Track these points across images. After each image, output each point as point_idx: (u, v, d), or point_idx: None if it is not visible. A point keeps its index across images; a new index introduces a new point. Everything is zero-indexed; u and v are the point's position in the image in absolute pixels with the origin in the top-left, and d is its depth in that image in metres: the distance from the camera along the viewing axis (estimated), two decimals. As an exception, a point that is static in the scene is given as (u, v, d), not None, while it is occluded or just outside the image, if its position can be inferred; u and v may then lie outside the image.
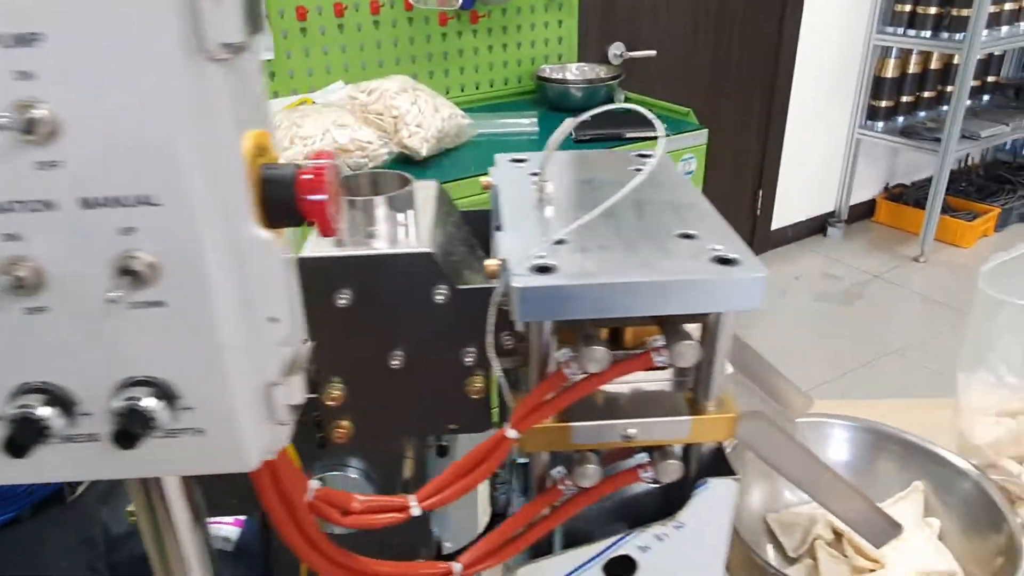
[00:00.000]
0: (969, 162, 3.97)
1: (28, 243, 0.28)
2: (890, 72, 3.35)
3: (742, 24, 2.94)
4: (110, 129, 0.26)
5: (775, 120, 3.20)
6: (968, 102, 3.30)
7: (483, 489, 0.68)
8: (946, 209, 3.48)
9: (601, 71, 2.29)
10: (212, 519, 0.70)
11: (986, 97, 3.76)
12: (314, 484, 0.43)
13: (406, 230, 0.52)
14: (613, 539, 0.52)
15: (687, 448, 0.53)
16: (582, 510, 0.55)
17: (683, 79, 2.86)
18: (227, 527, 0.65)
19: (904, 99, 3.47)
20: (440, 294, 0.49)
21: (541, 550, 0.55)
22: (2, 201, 0.27)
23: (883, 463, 0.75)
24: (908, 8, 3.12)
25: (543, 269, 0.44)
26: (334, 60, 2.02)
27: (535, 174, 0.61)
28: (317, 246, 0.50)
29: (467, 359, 0.52)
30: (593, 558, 0.53)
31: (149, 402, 0.29)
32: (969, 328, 0.72)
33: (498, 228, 0.53)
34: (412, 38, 2.11)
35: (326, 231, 0.33)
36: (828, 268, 3.35)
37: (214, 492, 0.53)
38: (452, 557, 0.51)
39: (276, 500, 0.40)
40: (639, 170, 0.63)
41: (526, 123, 2.06)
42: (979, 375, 0.76)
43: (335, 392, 0.52)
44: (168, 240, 0.27)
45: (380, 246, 0.50)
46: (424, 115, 1.73)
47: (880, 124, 3.45)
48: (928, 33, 3.10)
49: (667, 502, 0.54)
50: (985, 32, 2.99)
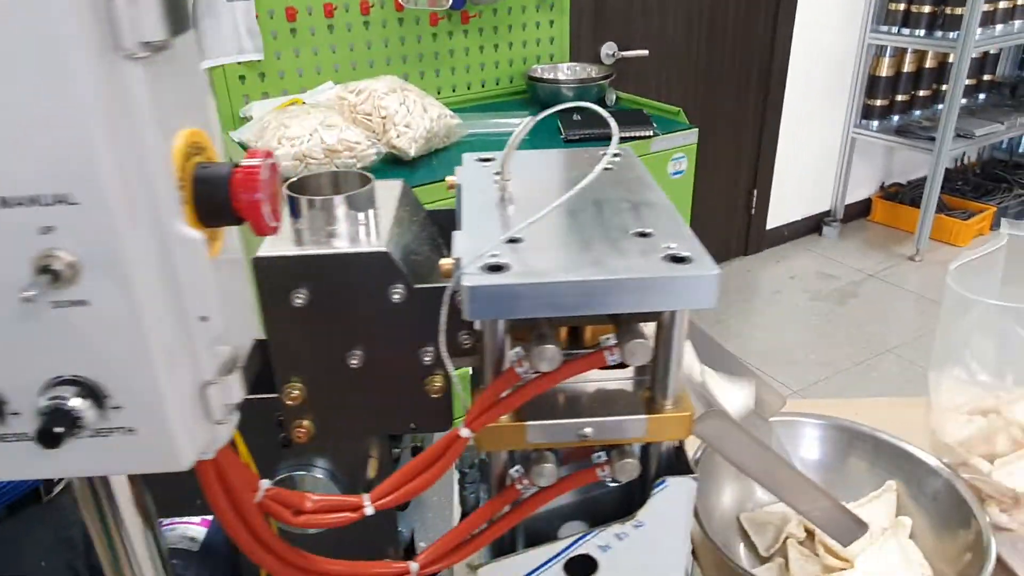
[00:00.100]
0: (966, 161, 3.97)
1: (-54, 242, 0.28)
2: (885, 71, 3.35)
3: (736, 23, 2.94)
4: (24, 128, 0.26)
5: (769, 119, 3.20)
6: (964, 101, 3.30)
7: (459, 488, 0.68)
8: (942, 208, 3.48)
9: (592, 71, 2.29)
10: (179, 519, 0.70)
11: (982, 96, 3.75)
12: (265, 484, 0.44)
13: (365, 229, 0.52)
14: (573, 538, 0.52)
15: (646, 447, 0.53)
16: (545, 509, 0.55)
17: (676, 78, 2.86)
18: (194, 527, 0.65)
19: (899, 98, 3.47)
20: (397, 293, 0.49)
21: (504, 549, 0.56)
22: (-79, 201, 0.27)
23: (855, 461, 0.75)
24: (902, 7, 3.12)
25: (495, 268, 0.44)
26: (324, 61, 2.02)
27: (499, 173, 0.61)
28: (273, 245, 0.50)
29: (426, 358, 0.52)
30: (554, 557, 0.53)
31: (75, 401, 0.29)
32: (939, 326, 0.72)
33: (458, 227, 0.53)
34: (403, 38, 2.11)
35: (260, 230, 0.33)
36: (823, 267, 3.35)
37: (179, 492, 0.53)
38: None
39: (223, 499, 0.40)
40: (606, 169, 0.64)
41: (516, 123, 2.06)
42: (952, 373, 0.75)
43: (294, 392, 0.52)
44: (87, 239, 0.27)
45: (338, 245, 0.50)
46: (413, 115, 1.73)
47: (875, 123, 3.44)
48: (922, 32, 3.10)
49: (630, 501, 0.55)
50: (980, 31, 2.98)
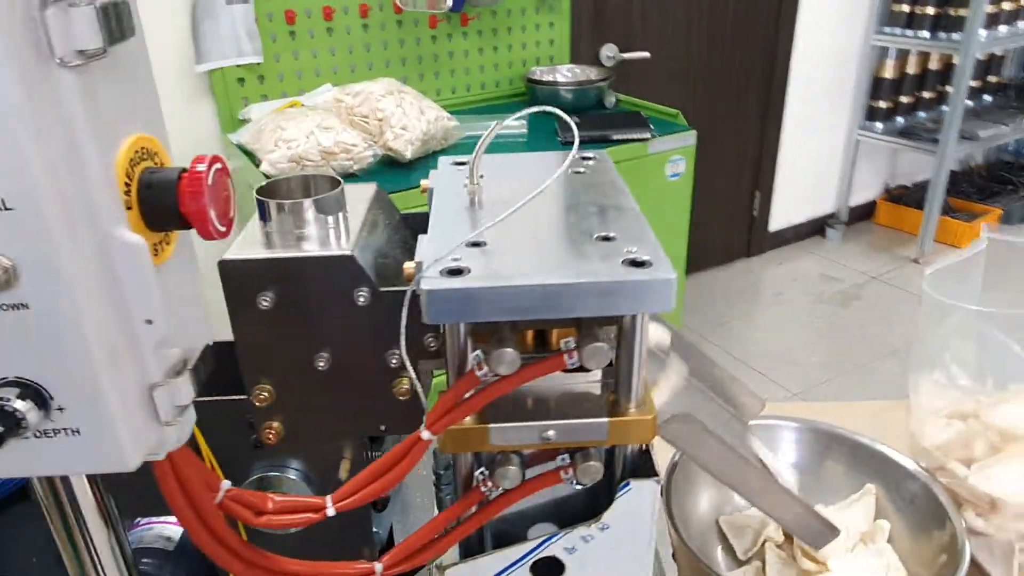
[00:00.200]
0: (972, 163, 3.94)
1: None
2: (889, 73, 3.33)
3: (737, 24, 2.93)
4: (-43, 134, 0.26)
5: (771, 120, 3.19)
6: (970, 103, 3.27)
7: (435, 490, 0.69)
8: (948, 210, 3.46)
9: (592, 73, 2.29)
10: (156, 519, 0.71)
11: (987, 97, 3.73)
12: (225, 484, 0.44)
13: (334, 233, 0.53)
14: (539, 540, 0.53)
15: (612, 449, 0.53)
16: (515, 511, 0.56)
17: (678, 80, 2.85)
18: (170, 527, 0.66)
19: (904, 100, 3.45)
20: (362, 296, 0.50)
21: (472, 550, 0.56)
22: None
23: (833, 465, 0.75)
24: (906, 8, 3.11)
25: (455, 272, 0.45)
26: (323, 63, 2.03)
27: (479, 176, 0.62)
28: (241, 248, 0.50)
29: (393, 360, 0.52)
30: (521, 559, 0.53)
31: (18, 403, 0.30)
32: (918, 330, 0.72)
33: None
34: (402, 40, 2.12)
35: (206, 235, 0.34)
36: (826, 270, 3.34)
37: (156, 492, 0.54)
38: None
39: (180, 498, 0.41)
40: (579, 172, 0.64)
41: (515, 125, 2.07)
42: (932, 377, 0.75)
43: (263, 394, 0.52)
44: (23, 244, 0.28)
45: (306, 248, 0.51)
46: (409, 117, 1.73)
47: (879, 125, 3.43)
48: (926, 33, 3.09)
49: (599, 504, 0.55)
50: (985, 32, 2.97)
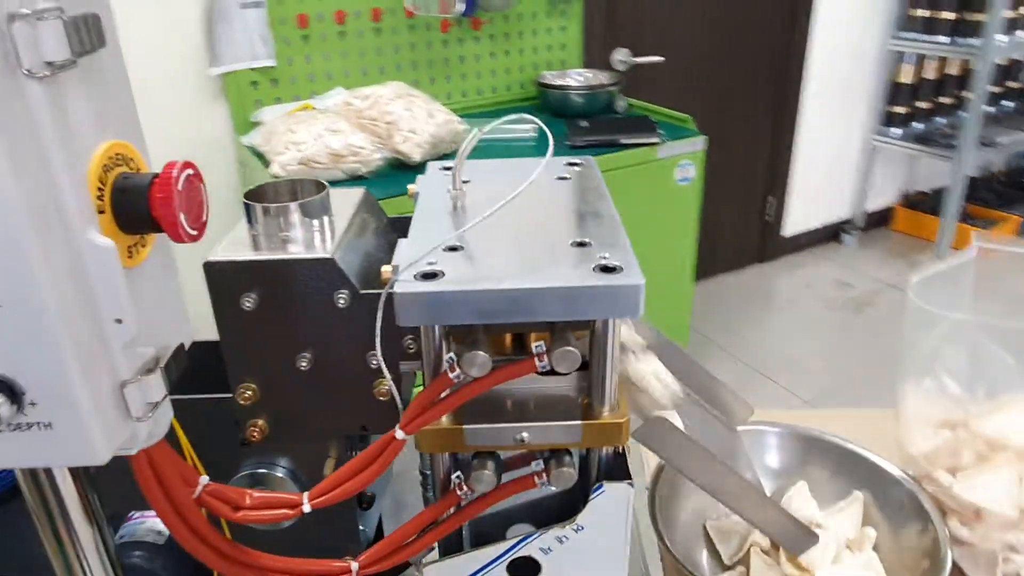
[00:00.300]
0: (992, 169, 3.89)
1: None
2: (906, 78, 3.30)
3: (752, 29, 2.92)
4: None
5: (785, 125, 3.17)
6: (989, 109, 3.24)
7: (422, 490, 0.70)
8: (966, 217, 3.42)
9: (603, 77, 2.29)
10: (149, 513, 0.72)
11: (1007, 103, 3.68)
12: (204, 480, 0.45)
13: (318, 236, 0.54)
14: (515, 540, 0.53)
15: (587, 452, 0.54)
16: (495, 511, 0.57)
17: (691, 84, 2.85)
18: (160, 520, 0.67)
19: (921, 105, 3.42)
20: (342, 298, 0.51)
21: (451, 548, 0.57)
22: None
23: (819, 471, 0.75)
24: (923, 13, 3.08)
25: (429, 275, 0.46)
26: (335, 67, 2.05)
27: (464, 182, 0.63)
28: (227, 250, 0.51)
29: (373, 361, 0.53)
30: (497, 558, 0.54)
31: (-10, 397, 0.31)
32: (904, 338, 0.72)
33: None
34: (413, 44, 2.14)
35: (177, 238, 0.35)
36: (841, 276, 3.31)
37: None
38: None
39: (158, 492, 0.42)
40: (564, 179, 0.65)
41: (524, 129, 2.08)
42: (921, 385, 0.75)
43: (247, 392, 0.54)
44: (-7, 245, 0.29)
45: (289, 251, 0.52)
46: (418, 121, 1.75)
47: (896, 130, 3.40)
48: (944, 38, 3.06)
49: (574, 505, 0.56)
50: (1006, 38, 2.93)
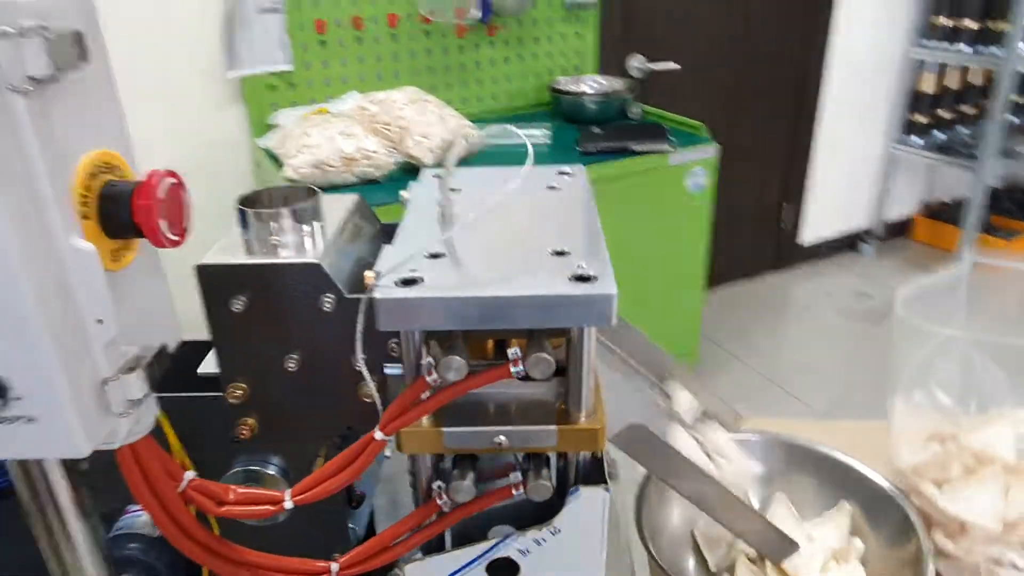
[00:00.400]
0: (1015, 180, 3.84)
1: None
2: (927, 87, 3.28)
3: (770, 34, 2.91)
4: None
5: (803, 132, 3.16)
6: (1014, 119, 3.19)
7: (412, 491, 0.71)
8: (988, 228, 3.38)
9: (617, 83, 2.30)
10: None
11: (1032, 113, 3.63)
12: (189, 475, 0.47)
13: (307, 241, 0.55)
14: (494, 541, 0.55)
15: (566, 456, 0.55)
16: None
17: (707, 90, 2.85)
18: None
19: (943, 114, 3.39)
20: (328, 302, 0.53)
21: (432, 548, 0.58)
22: None
23: (807, 480, 0.76)
24: (946, 21, 3.05)
25: (409, 282, 0.47)
26: (351, 71, 2.08)
27: (452, 190, 0.64)
28: (219, 254, 0.53)
29: (358, 364, 0.55)
30: (476, 559, 0.55)
31: (-24, 391, 0.33)
32: (893, 351, 0.72)
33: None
34: (429, 50, 2.16)
35: (157, 243, 0.37)
36: (858, 286, 3.29)
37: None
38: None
39: (142, 485, 0.44)
40: (553, 188, 0.66)
41: (538, 134, 2.09)
42: (910, 398, 0.75)
43: (238, 391, 0.55)
44: (-22, 249, 0.31)
45: (279, 255, 0.54)
46: (430, 125, 1.77)
47: (917, 139, 3.37)
48: (966, 47, 3.03)
49: (555, 508, 0.57)
50: (1029, 47, 2.90)
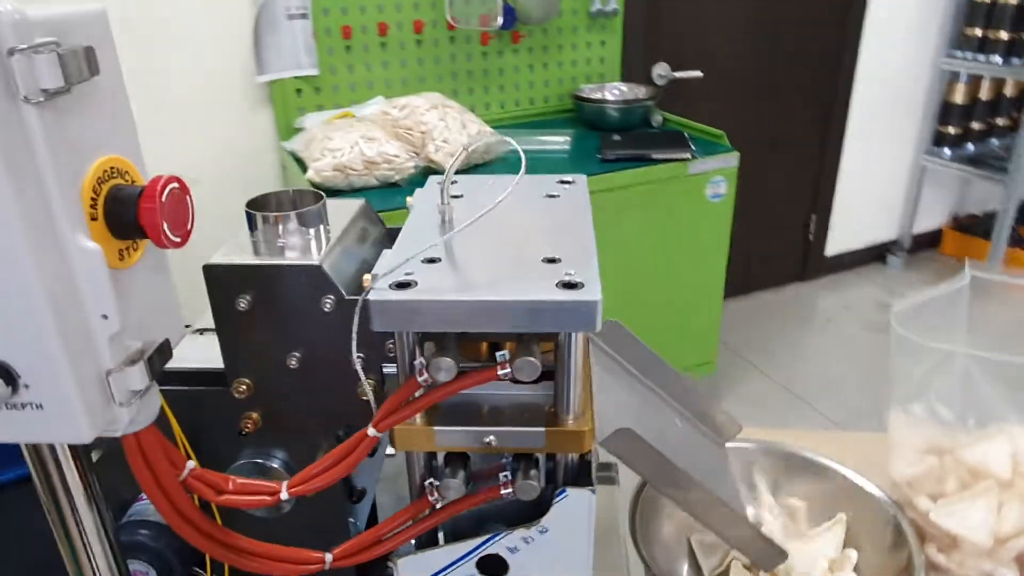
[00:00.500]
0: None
1: None
2: (959, 98, 3.23)
3: (798, 43, 2.90)
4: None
5: (831, 143, 3.14)
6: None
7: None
8: (1018, 241, 3.32)
9: (640, 91, 2.31)
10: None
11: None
12: (191, 464, 0.49)
13: (311, 244, 0.58)
14: (484, 538, 0.56)
15: (555, 458, 0.56)
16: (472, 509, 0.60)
17: (732, 99, 2.84)
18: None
19: (975, 126, 3.34)
20: (328, 303, 0.55)
21: (425, 543, 0.60)
22: None
23: (803, 490, 0.76)
24: (978, 32, 3.01)
25: (403, 285, 0.49)
26: (376, 76, 2.11)
27: (455, 196, 0.66)
28: (226, 255, 0.56)
29: (358, 363, 0.57)
30: (467, 554, 0.57)
31: (-10, 379, 0.36)
32: (891, 365, 0.73)
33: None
34: (453, 56, 2.19)
35: (160, 243, 0.39)
36: (883, 298, 3.25)
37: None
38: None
39: (145, 472, 0.46)
40: (552, 196, 0.68)
41: (559, 141, 2.11)
42: (907, 411, 0.76)
43: (242, 387, 0.58)
44: (-8, 247, 0.34)
45: (283, 257, 0.56)
46: (451, 131, 1.80)
47: (948, 151, 3.32)
48: (999, 58, 2.98)
49: (544, 508, 0.58)
50: (1063, 59, 2.86)
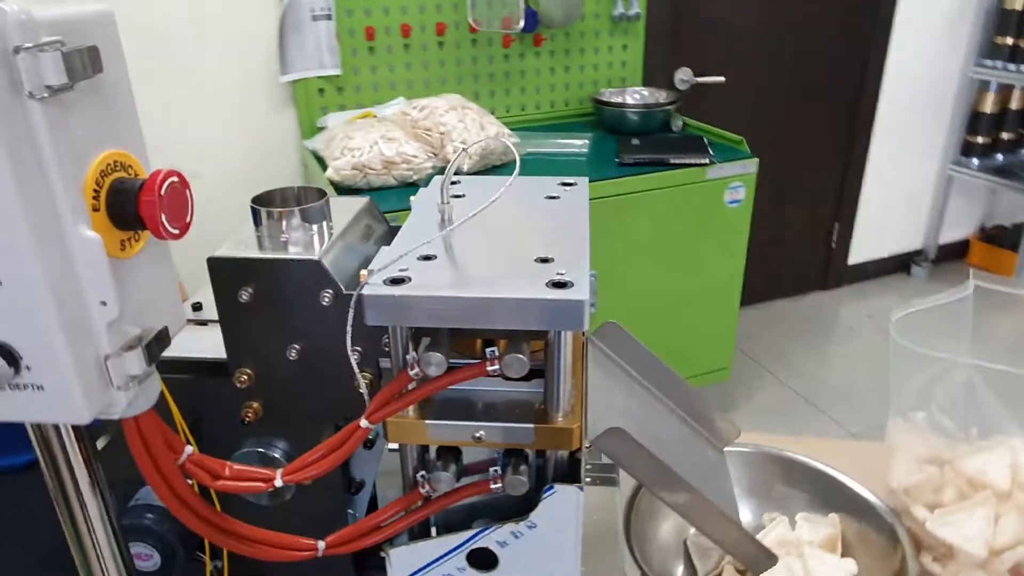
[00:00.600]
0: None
1: None
2: (988, 107, 3.18)
3: (824, 51, 2.88)
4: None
5: (856, 151, 3.11)
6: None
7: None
8: (1047, 254, 3.26)
9: (660, 96, 2.31)
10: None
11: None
12: (189, 449, 0.51)
13: (312, 239, 0.59)
14: (474, 531, 0.57)
15: (545, 454, 0.57)
16: (464, 503, 0.61)
17: (755, 105, 2.83)
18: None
19: (1004, 136, 3.28)
20: (327, 297, 0.56)
21: (417, 535, 0.61)
22: None
23: (799, 495, 0.76)
24: (1009, 41, 2.97)
25: (397, 281, 0.50)
26: (398, 77, 2.14)
27: (457, 196, 0.67)
28: (228, 248, 0.58)
29: (355, 356, 0.58)
30: (457, 547, 0.58)
31: (-7, 360, 0.38)
32: (891, 375, 0.73)
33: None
34: (475, 58, 2.21)
35: (159, 235, 0.41)
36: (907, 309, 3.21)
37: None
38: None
39: (144, 455, 0.48)
40: (552, 198, 0.69)
41: (578, 144, 2.12)
42: (914, 420, 0.75)
43: (243, 377, 0.60)
44: (-1, 236, 0.35)
45: (284, 251, 0.58)
46: (470, 132, 1.81)
47: (976, 161, 3.28)
48: (1030, 68, 2.94)
49: (532, 505, 0.59)
50: (1096, 69, 2.80)
